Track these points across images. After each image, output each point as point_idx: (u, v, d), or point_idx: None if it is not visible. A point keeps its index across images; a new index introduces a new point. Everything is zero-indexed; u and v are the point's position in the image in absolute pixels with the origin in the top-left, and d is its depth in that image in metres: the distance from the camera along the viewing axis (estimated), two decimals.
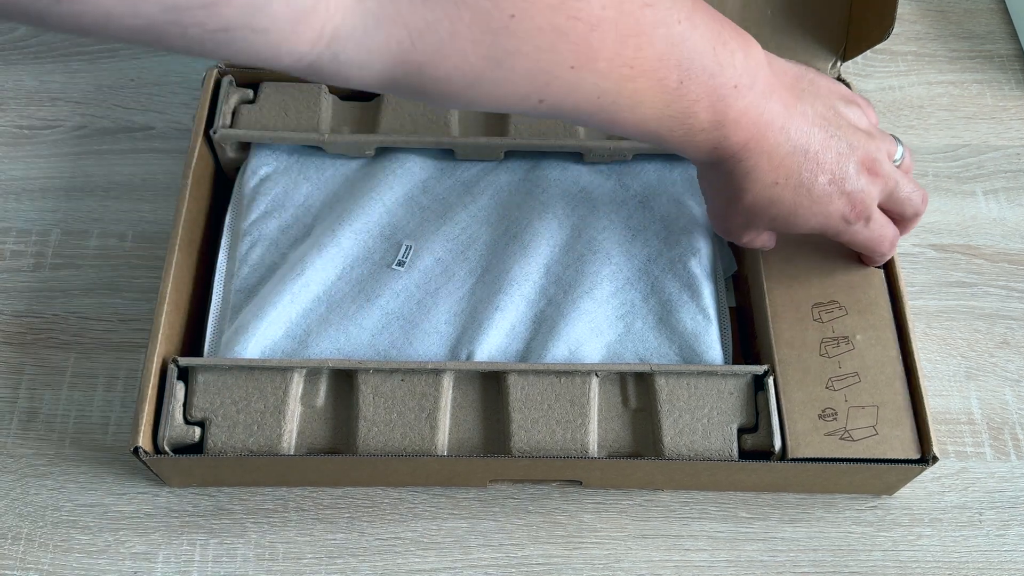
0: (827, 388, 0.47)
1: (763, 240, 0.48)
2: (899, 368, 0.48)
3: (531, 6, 0.31)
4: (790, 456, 0.46)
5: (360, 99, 0.58)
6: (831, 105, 0.43)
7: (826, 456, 0.45)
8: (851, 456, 0.45)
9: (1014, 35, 0.70)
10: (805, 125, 0.41)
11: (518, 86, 0.34)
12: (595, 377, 0.48)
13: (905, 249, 0.59)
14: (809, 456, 0.46)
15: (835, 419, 0.46)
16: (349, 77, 0.32)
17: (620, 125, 0.38)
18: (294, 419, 0.48)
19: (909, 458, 0.45)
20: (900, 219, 0.48)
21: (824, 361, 0.48)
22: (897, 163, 0.46)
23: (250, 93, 0.57)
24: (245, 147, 0.57)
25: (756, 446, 0.47)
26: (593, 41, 0.33)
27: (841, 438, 0.46)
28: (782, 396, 0.47)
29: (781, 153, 0.41)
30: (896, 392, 0.47)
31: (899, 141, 0.47)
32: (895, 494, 0.51)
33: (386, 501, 0.50)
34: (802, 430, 0.46)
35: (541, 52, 0.32)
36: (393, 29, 0.30)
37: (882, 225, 0.46)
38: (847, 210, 0.44)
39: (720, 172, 0.43)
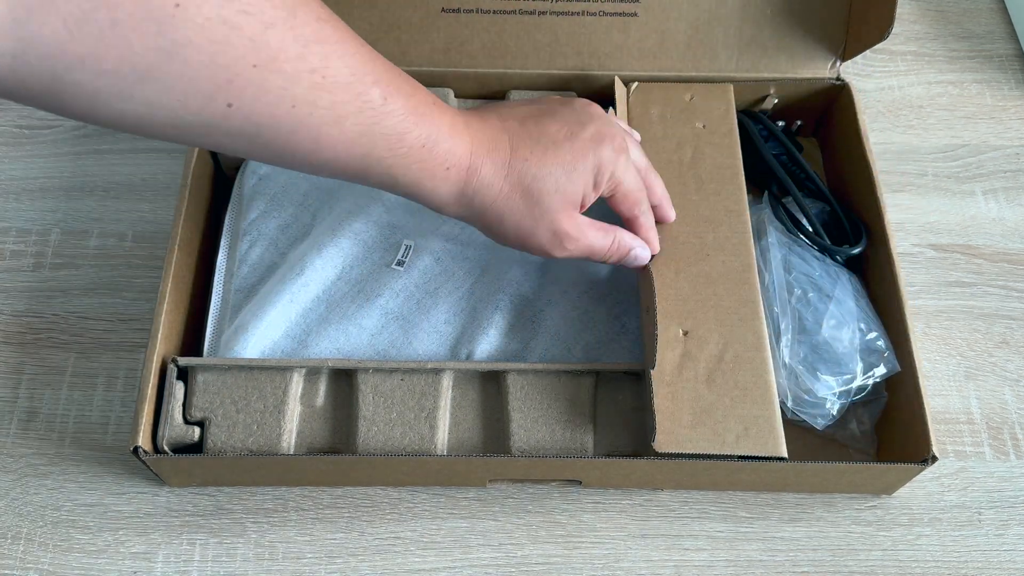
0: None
1: (583, 242, 0.45)
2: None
3: None
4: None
5: None
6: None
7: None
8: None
9: (1013, 35, 0.70)
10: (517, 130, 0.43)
11: (198, 83, 0.32)
12: (594, 376, 0.48)
13: (905, 249, 0.59)
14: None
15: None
16: (17, 73, 0.30)
17: (330, 144, 0.37)
18: (294, 419, 0.48)
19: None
20: (631, 214, 0.47)
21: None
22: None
23: None
24: None
25: None
26: (271, 39, 0.32)
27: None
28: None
29: (506, 155, 0.42)
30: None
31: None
32: (894, 494, 0.51)
33: (386, 501, 0.50)
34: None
35: (215, 44, 0.31)
36: (47, 18, 0.28)
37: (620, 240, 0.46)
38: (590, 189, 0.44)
39: (467, 204, 0.42)
